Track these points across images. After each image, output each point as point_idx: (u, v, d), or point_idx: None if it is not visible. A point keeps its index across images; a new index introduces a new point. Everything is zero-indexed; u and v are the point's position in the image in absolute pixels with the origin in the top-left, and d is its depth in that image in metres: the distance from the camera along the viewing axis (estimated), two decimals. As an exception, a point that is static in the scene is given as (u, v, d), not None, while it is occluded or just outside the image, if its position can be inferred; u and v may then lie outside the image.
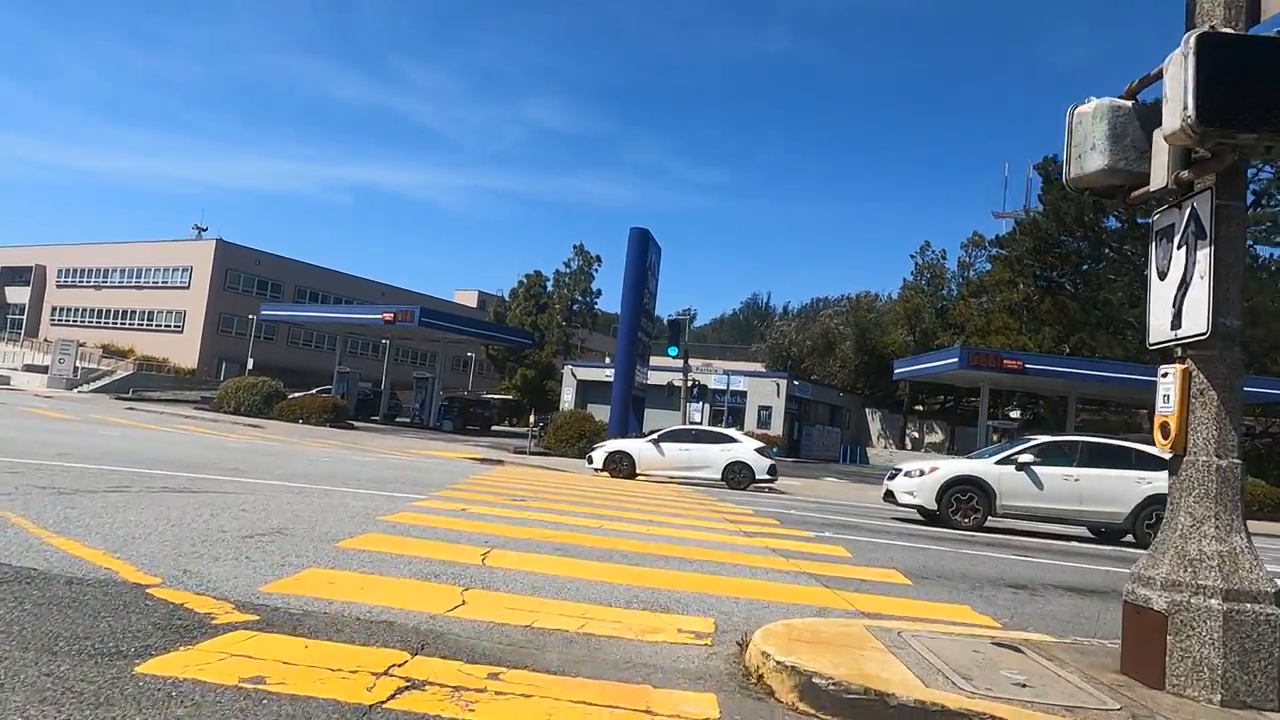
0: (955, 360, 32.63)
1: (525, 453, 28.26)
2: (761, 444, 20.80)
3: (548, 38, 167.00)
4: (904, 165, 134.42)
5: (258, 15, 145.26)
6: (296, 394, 38.29)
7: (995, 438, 35.83)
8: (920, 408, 53.26)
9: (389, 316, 38.12)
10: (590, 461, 21.06)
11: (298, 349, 68.76)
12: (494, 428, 45.18)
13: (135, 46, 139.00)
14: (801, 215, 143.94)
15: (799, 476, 29.73)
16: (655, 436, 20.84)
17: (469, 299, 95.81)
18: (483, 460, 24.63)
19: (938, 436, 51.18)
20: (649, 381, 32.71)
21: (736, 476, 20.15)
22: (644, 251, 29.60)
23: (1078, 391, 35.99)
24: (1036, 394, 45.21)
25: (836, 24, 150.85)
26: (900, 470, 14.37)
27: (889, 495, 14.43)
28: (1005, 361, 32.55)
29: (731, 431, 21.52)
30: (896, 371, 39.82)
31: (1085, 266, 47.24)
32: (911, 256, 50.74)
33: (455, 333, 38.25)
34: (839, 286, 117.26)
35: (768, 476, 20.38)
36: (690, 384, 26.57)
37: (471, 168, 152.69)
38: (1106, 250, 44.14)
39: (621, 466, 20.60)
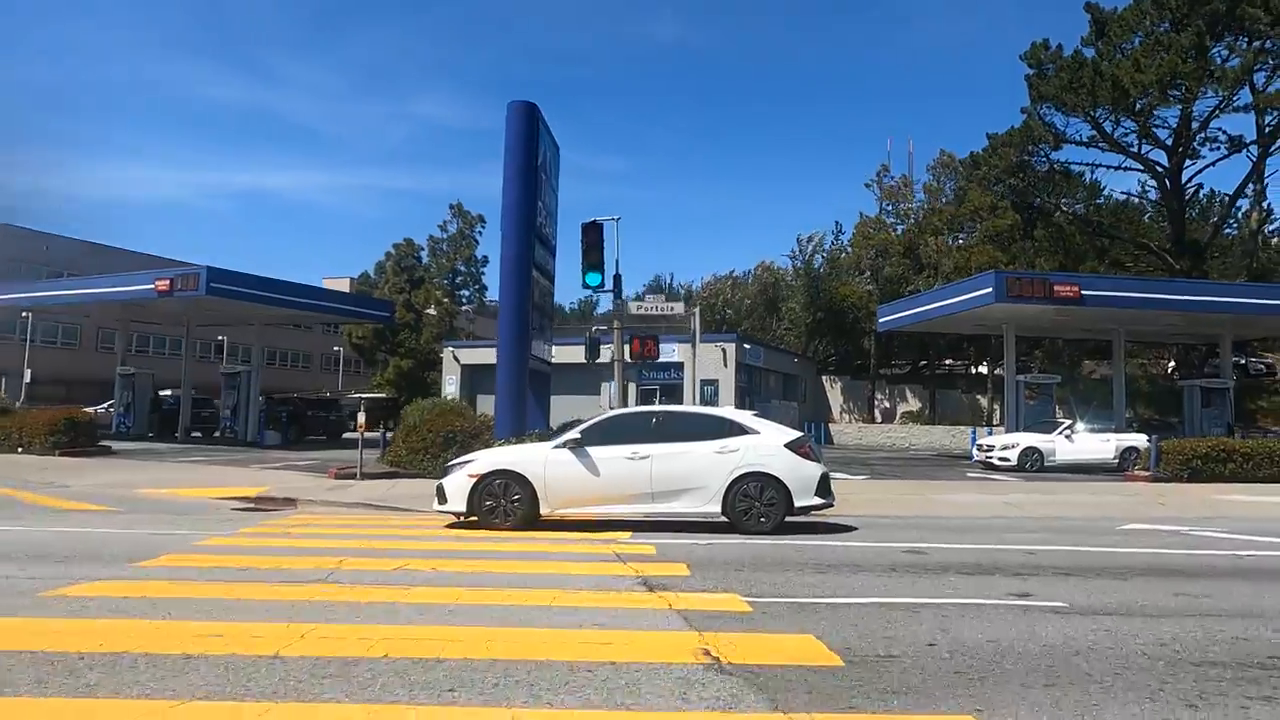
0: (988, 291, 22.92)
1: (354, 477, 16.88)
2: (797, 433, 10.14)
3: (432, 31, 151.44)
4: (792, 144, 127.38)
5: (116, 12, 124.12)
6: (28, 408, 25.58)
7: (1030, 399, 26.54)
8: (890, 371, 44.12)
9: (163, 284, 25.68)
10: (440, 498, 10.01)
11: (110, 354, 54.25)
12: (348, 435, 33.20)
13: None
14: (699, 197, 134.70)
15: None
16: (575, 435, 9.96)
17: (341, 287, 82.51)
18: (256, 503, 13.18)
19: (914, 405, 42.18)
20: (553, 358, 21.93)
21: (757, 504, 9.54)
22: (531, 141, 18.49)
23: (1129, 328, 27.02)
24: (1049, 337, 36.43)
25: (719, 9, 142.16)
26: None
27: None
28: (1057, 288, 23.02)
29: (733, 412, 10.67)
30: (882, 321, 30.05)
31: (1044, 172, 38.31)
32: (867, 185, 41.17)
33: (264, 303, 26.21)
34: (741, 263, 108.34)
35: (818, 500, 9.83)
36: (629, 339, 15.64)
37: (360, 167, 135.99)
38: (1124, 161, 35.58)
39: (505, 503, 9.69)
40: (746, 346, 35.73)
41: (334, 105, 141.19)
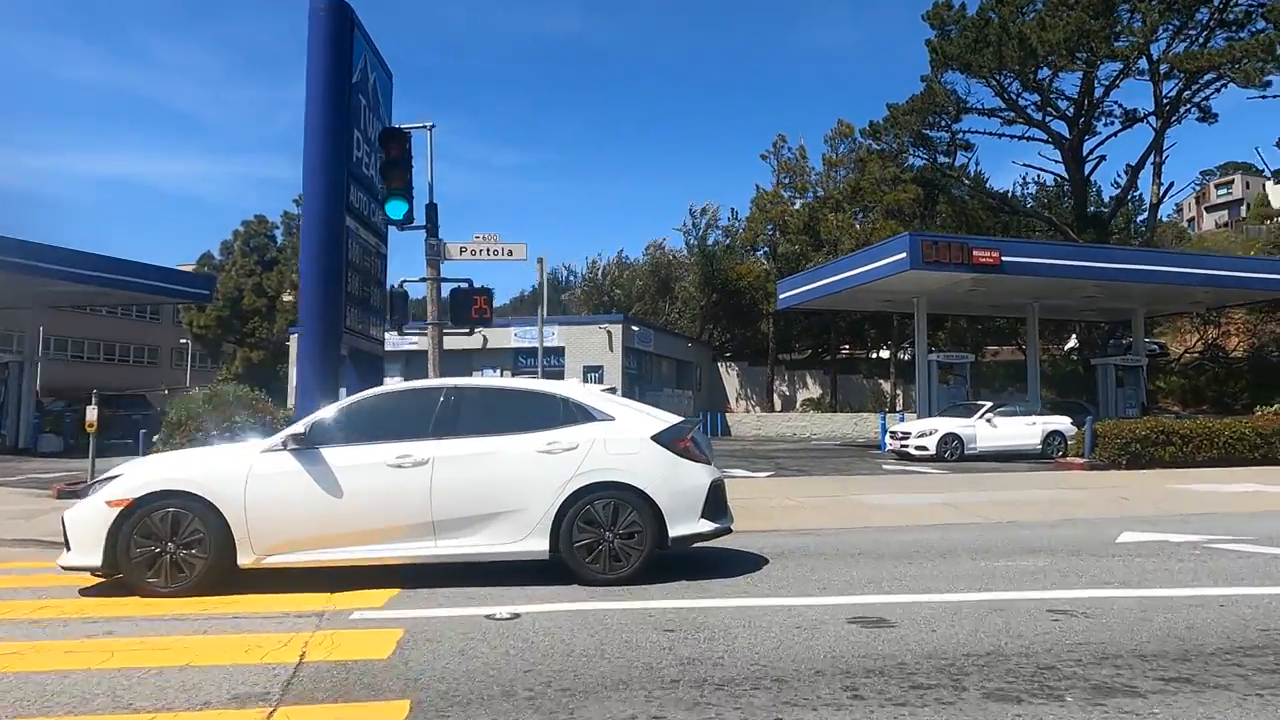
0: (902, 257, 20.16)
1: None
2: (672, 419, 6.45)
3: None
4: (690, 138, 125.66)
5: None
6: None
7: (943, 380, 24.08)
8: (789, 357, 41.49)
9: (-120, 249, 19.87)
10: (66, 542, 5.86)
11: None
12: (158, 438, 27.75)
13: None
14: (596, 190, 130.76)
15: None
16: (299, 428, 6.04)
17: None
18: None
19: (814, 391, 39.73)
20: (384, 339, 17.68)
21: (608, 535, 5.81)
22: (342, 49, 14.02)
23: (1043, 303, 24.93)
24: (954, 316, 34.50)
25: (619, 5, 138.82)
26: None
27: None
28: (976, 253, 20.50)
29: (572, 388, 6.79)
30: (783, 297, 27.09)
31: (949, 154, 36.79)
32: (764, 157, 38.31)
33: (27, 273, 20.65)
34: (634, 249, 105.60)
35: (707, 526, 6.17)
36: (452, 288, 11.64)
37: (241, 155, 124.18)
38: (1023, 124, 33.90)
39: (174, 551, 5.60)
40: (635, 329, 32.21)
41: (211, 89, 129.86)
